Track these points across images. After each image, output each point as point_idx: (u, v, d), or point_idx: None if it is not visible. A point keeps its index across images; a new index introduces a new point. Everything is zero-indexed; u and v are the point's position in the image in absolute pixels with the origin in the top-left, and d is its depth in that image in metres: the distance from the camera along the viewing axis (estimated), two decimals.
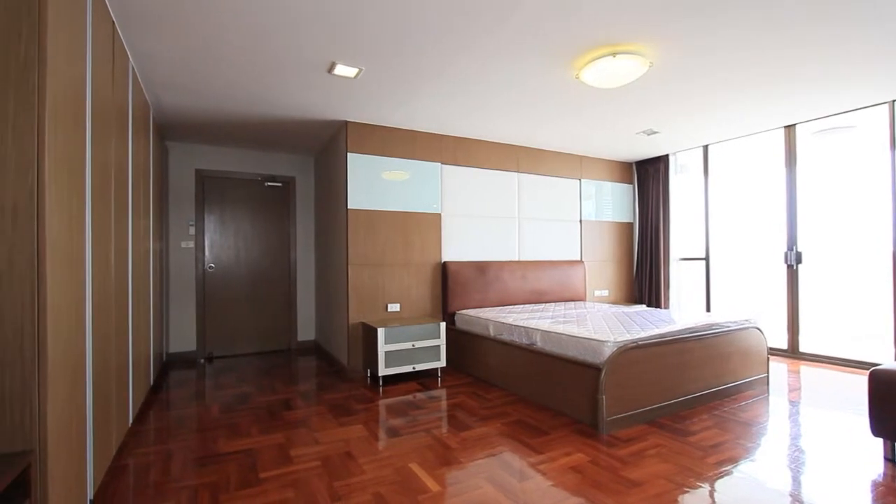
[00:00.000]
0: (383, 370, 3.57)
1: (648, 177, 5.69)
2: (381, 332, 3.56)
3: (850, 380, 3.61)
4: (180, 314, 4.69)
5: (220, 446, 2.48)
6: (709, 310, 5.09)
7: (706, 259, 5.15)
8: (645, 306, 4.92)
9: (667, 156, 5.47)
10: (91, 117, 1.79)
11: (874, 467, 2.13)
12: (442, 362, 3.84)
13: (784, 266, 4.45)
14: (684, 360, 2.94)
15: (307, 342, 5.36)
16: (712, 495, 1.90)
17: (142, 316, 2.97)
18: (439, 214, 4.43)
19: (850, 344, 4.20)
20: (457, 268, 4.40)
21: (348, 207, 3.97)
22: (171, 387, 3.73)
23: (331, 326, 4.62)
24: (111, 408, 2.14)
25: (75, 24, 1.62)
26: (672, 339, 2.89)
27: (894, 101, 3.65)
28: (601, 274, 5.60)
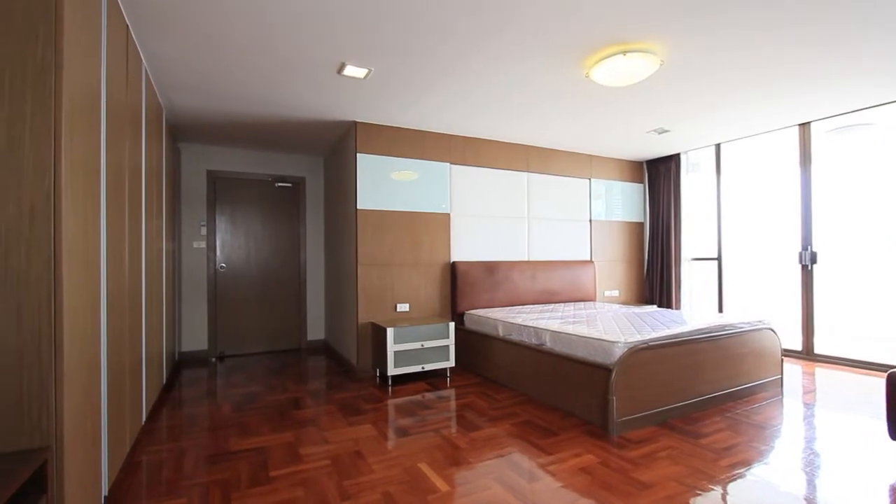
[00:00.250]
0: (392, 370, 3.58)
1: (659, 176, 5.63)
2: (390, 332, 3.57)
3: (866, 382, 3.54)
4: (192, 314, 4.75)
5: (232, 444, 2.51)
6: (721, 310, 5.03)
7: (718, 259, 5.09)
8: (656, 307, 4.87)
9: (678, 155, 5.42)
10: (106, 120, 1.82)
11: (892, 471, 2.09)
12: (451, 362, 3.84)
13: (798, 266, 4.38)
14: (696, 361, 2.90)
15: (317, 342, 5.39)
16: (725, 498, 1.88)
17: (155, 316, 3.01)
18: (448, 214, 4.43)
19: (867, 346, 4.12)
20: (466, 268, 4.39)
21: (357, 207, 3.99)
22: (183, 385, 3.78)
23: (340, 326, 4.65)
24: (125, 406, 2.17)
25: (91, 28, 1.64)
26: (684, 340, 2.86)
27: None
28: (611, 274, 5.56)
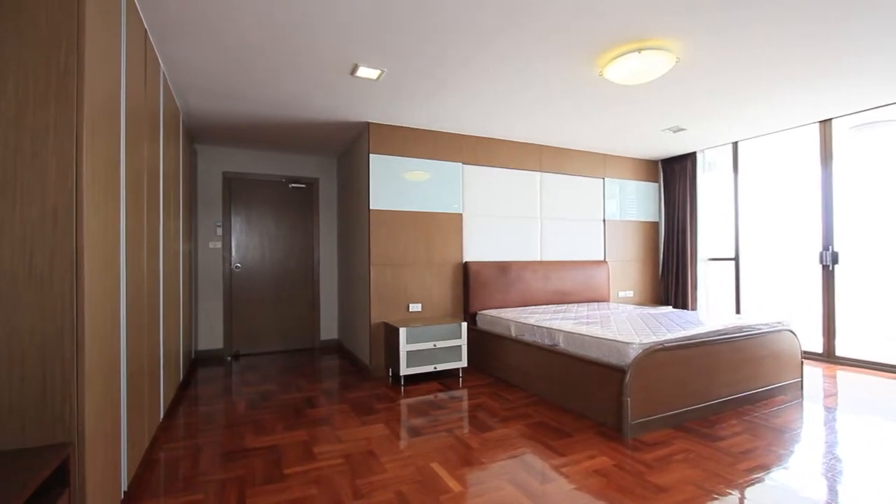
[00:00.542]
0: (405, 370, 3.59)
1: (675, 175, 5.56)
2: (402, 332, 3.58)
3: (890, 385, 3.44)
4: (208, 313, 4.82)
5: (247, 442, 2.54)
6: (738, 312, 4.94)
7: (736, 259, 5.00)
8: (671, 308, 4.80)
9: (694, 153, 5.33)
10: (125, 123, 1.86)
11: None
12: (463, 362, 3.84)
13: (819, 267, 4.28)
14: (713, 363, 2.86)
15: (330, 341, 5.44)
16: (742, 503, 1.85)
17: (172, 314, 3.07)
18: (461, 214, 4.43)
19: (891, 348, 4.00)
20: (478, 268, 4.39)
21: (370, 208, 4.01)
22: (199, 383, 3.84)
23: (353, 326, 4.68)
24: (143, 403, 2.22)
25: (111, 34, 1.68)
26: (700, 342, 2.81)
27: None
28: (625, 274, 5.50)
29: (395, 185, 4.12)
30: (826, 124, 4.18)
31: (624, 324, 3.27)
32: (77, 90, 1.35)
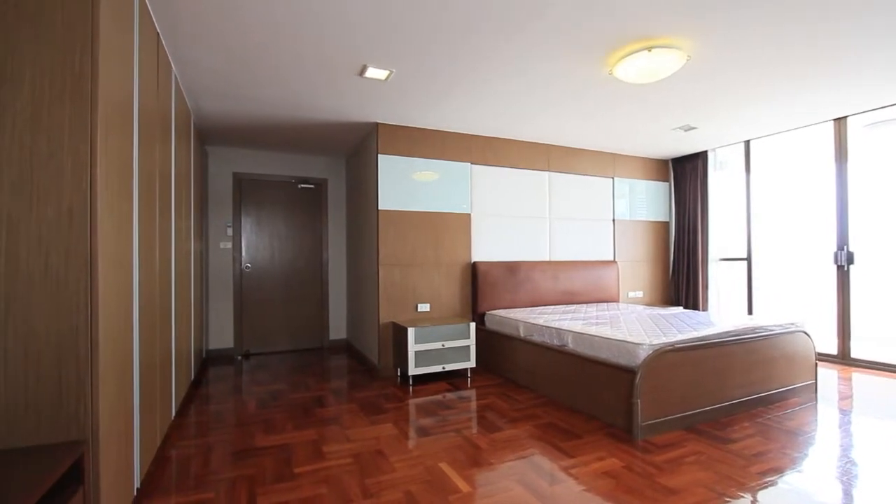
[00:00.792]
0: (413, 370, 3.60)
1: (685, 174, 5.50)
2: (411, 332, 3.58)
3: None
4: (219, 312, 4.87)
5: (257, 440, 2.56)
6: (751, 312, 4.87)
7: (748, 259, 4.93)
8: (682, 308, 4.75)
9: (705, 152, 5.28)
10: (138, 125, 1.89)
11: None
12: (472, 363, 3.83)
13: (834, 267, 4.21)
14: (725, 364, 2.82)
15: (339, 341, 5.46)
16: None
17: (183, 314, 3.10)
18: (469, 215, 4.42)
19: None
20: (487, 268, 4.38)
21: (379, 208, 4.02)
22: (210, 382, 3.88)
23: (362, 326, 4.69)
24: (156, 401, 2.24)
25: (124, 37, 1.70)
26: (711, 343, 2.78)
27: None
28: (635, 275, 5.46)
29: (404, 185, 4.13)
30: (841, 122, 4.11)
31: (634, 324, 3.25)
32: (91, 92, 1.37)
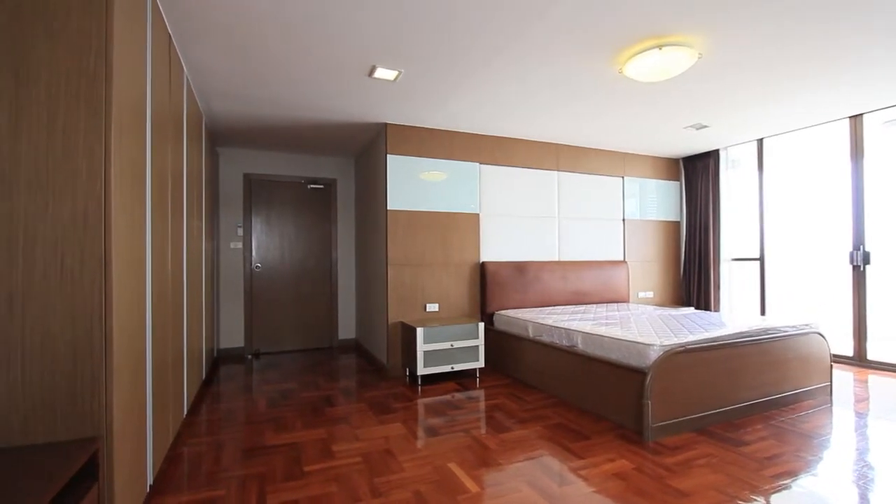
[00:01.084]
0: (422, 369, 3.60)
1: (697, 173, 5.44)
2: (419, 332, 3.59)
3: None
4: (229, 312, 4.92)
5: (267, 439, 2.58)
6: (763, 313, 4.80)
7: (761, 259, 4.87)
8: (693, 309, 4.70)
9: (717, 151, 5.21)
10: (151, 126, 1.91)
11: None
12: (480, 363, 3.83)
13: (849, 267, 4.13)
14: (737, 365, 2.78)
15: (348, 340, 5.49)
16: None
17: (195, 313, 3.14)
18: (478, 214, 4.42)
19: None
20: (495, 268, 4.37)
21: (388, 208, 4.03)
22: (221, 381, 3.92)
23: (371, 325, 4.71)
24: (168, 399, 2.27)
25: (137, 40, 1.73)
26: (723, 344, 2.75)
27: None
28: (645, 275, 5.41)
29: (413, 185, 4.13)
30: (857, 119, 4.04)
31: (644, 325, 3.22)
32: (106, 94, 1.39)
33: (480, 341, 3.82)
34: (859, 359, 4.07)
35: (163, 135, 2.15)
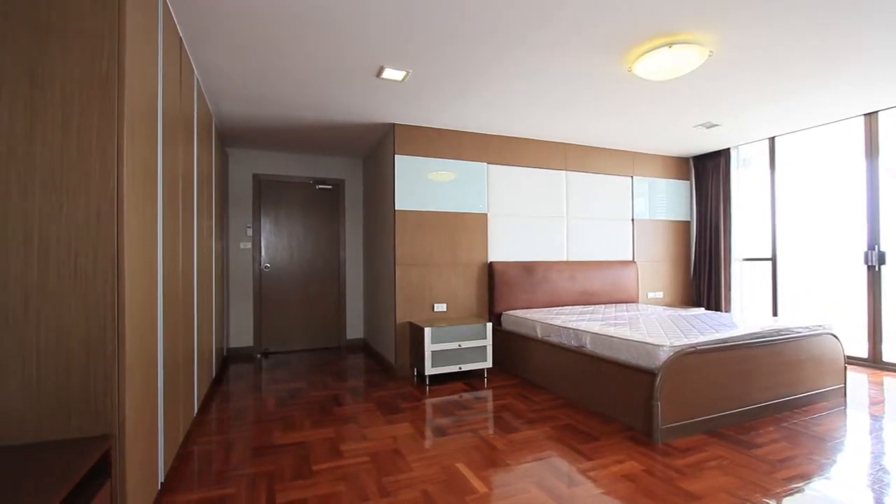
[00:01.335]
0: (430, 369, 3.60)
1: (707, 172, 5.38)
2: (427, 332, 3.59)
3: None
4: (239, 311, 4.96)
5: (276, 438, 2.60)
6: (775, 314, 4.74)
7: (772, 259, 4.80)
8: (703, 309, 4.65)
9: (728, 150, 5.16)
10: (162, 127, 1.93)
11: None
12: (488, 363, 3.82)
13: (864, 267, 4.07)
14: (748, 367, 2.75)
15: (356, 340, 5.50)
16: None
17: (205, 313, 3.17)
18: (485, 214, 4.41)
19: None
20: (503, 268, 4.36)
21: (396, 208, 4.04)
22: (231, 380, 3.95)
23: (378, 325, 4.72)
24: (179, 398, 2.30)
25: (149, 42, 1.74)
26: (734, 345, 2.72)
27: None
28: (655, 275, 5.36)
29: (421, 185, 4.14)
30: (872, 117, 3.97)
31: (654, 325, 3.19)
32: (118, 96, 1.40)
33: (488, 341, 3.82)
34: (874, 360, 4.01)
35: (173, 136, 2.17)
